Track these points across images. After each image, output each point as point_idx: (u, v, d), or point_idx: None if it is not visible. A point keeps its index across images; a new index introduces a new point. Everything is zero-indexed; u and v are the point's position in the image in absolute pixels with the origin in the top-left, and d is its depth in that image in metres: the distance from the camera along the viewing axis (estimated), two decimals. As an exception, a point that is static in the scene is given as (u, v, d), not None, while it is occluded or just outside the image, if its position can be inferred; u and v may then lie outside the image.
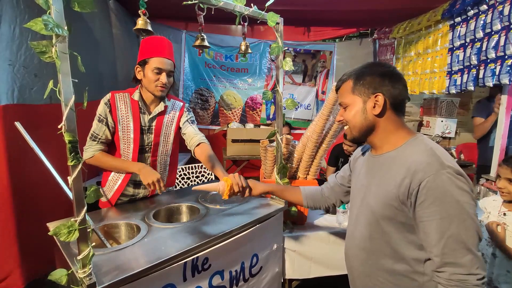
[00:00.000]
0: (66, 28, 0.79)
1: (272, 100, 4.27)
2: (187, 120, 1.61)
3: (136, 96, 1.47)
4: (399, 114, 0.94)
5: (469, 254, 0.77)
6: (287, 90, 4.48)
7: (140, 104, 1.47)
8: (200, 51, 4.12)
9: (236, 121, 4.36)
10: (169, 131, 1.57)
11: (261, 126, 4.13)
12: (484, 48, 2.36)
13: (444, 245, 0.78)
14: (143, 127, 1.49)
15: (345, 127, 0.99)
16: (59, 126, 0.81)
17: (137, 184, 1.56)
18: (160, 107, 1.51)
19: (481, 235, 0.80)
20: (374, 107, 0.91)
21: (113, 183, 1.53)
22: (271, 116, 4.53)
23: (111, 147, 1.52)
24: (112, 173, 1.53)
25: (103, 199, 1.55)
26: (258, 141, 3.84)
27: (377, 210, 0.91)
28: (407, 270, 0.88)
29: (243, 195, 1.28)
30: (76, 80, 0.82)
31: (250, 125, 4.12)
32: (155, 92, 1.44)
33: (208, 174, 3.01)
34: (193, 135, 1.56)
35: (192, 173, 2.91)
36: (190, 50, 4.12)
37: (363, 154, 1.10)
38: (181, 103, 1.64)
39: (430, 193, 0.79)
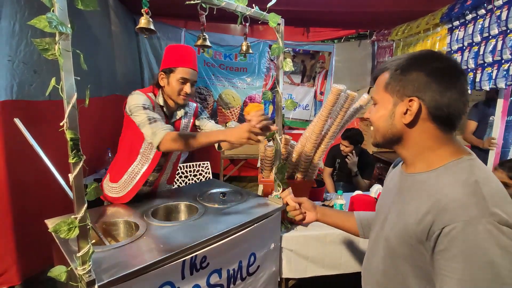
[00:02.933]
0: (69, 26, 0.79)
1: (271, 100, 4.28)
2: (204, 118, 1.66)
3: (161, 101, 1.48)
4: (445, 129, 0.69)
5: None
6: (286, 90, 4.49)
7: (164, 109, 1.49)
8: (202, 50, 4.13)
9: (234, 120, 4.36)
10: None
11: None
12: (481, 52, 2.39)
13: None
14: None
15: (371, 128, 0.82)
16: (61, 124, 0.81)
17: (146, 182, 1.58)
18: (181, 112, 1.55)
19: None
20: (405, 113, 0.70)
21: (129, 182, 1.52)
22: (269, 116, 4.54)
23: (119, 144, 1.53)
24: (130, 169, 1.51)
25: (114, 195, 1.55)
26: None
27: (393, 244, 0.73)
28: None
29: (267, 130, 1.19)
30: (79, 78, 0.83)
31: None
32: (178, 101, 1.46)
33: (206, 173, 3.02)
34: (216, 129, 1.61)
35: (190, 171, 2.92)
36: (189, 48, 4.12)
37: (395, 167, 0.91)
38: (195, 105, 1.67)
39: (455, 244, 0.58)
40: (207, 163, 3.02)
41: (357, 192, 2.12)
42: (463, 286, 0.58)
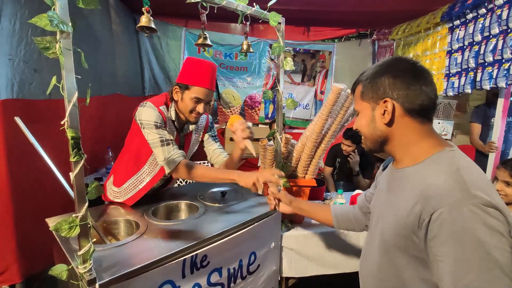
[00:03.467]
0: (70, 24, 0.79)
1: (271, 100, 4.28)
2: (211, 136, 1.67)
3: (173, 115, 1.43)
4: (423, 121, 0.76)
5: None
6: (286, 89, 4.49)
7: (176, 123, 1.47)
8: (203, 49, 4.11)
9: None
10: (194, 148, 1.65)
11: (260, 125, 4.14)
12: (482, 52, 2.39)
13: None
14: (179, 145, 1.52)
15: (362, 137, 0.87)
16: (62, 122, 0.81)
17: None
18: (192, 127, 1.56)
19: None
20: (383, 114, 0.76)
21: (131, 188, 1.49)
22: (269, 115, 4.54)
23: (126, 147, 1.52)
24: (134, 177, 1.48)
25: (117, 199, 1.53)
26: (256, 139, 3.85)
27: (387, 238, 0.77)
28: None
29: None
30: (79, 77, 0.83)
31: (248, 124, 4.12)
32: (190, 118, 1.42)
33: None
34: (219, 153, 1.65)
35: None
36: (190, 47, 4.11)
37: (386, 166, 0.96)
38: (205, 117, 1.66)
39: (444, 228, 0.62)
40: (207, 163, 3.02)
41: (358, 191, 2.12)
42: (456, 267, 0.61)
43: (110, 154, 2.70)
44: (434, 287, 0.69)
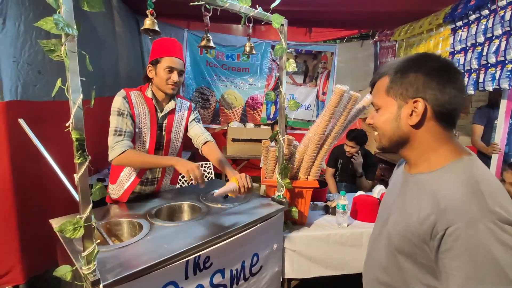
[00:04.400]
0: (75, 27, 0.79)
1: (273, 101, 4.28)
2: (194, 119, 1.68)
3: (149, 94, 1.51)
4: (446, 127, 0.71)
5: None
6: (288, 90, 4.50)
7: (154, 101, 1.51)
8: (205, 51, 4.15)
9: (236, 121, 4.37)
10: (179, 129, 1.63)
11: (262, 126, 4.15)
12: (484, 53, 2.38)
13: None
14: (158, 124, 1.54)
15: (375, 133, 0.82)
16: (66, 124, 0.82)
17: (143, 182, 1.59)
18: (171, 104, 1.56)
19: None
20: (410, 115, 0.71)
21: (124, 181, 1.55)
22: (271, 116, 4.55)
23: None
24: (123, 171, 1.54)
25: (114, 196, 1.58)
26: (258, 140, 3.87)
27: (394, 241, 0.75)
28: None
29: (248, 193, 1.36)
30: (84, 79, 0.83)
31: (250, 125, 4.13)
32: (167, 90, 1.48)
33: (208, 173, 3.02)
34: (200, 134, 1.63)
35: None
36: (192, 49, 4.13)
37: (397, 168, 0.93)
38: (188, 102, 1.70)
39: (459, 243, 0.60)
40: (209, 164, 3.02)
41: (360, 192, 2.12)
42: (468, 283, 0.59)
43: (113, 155, 2.72)
44: None
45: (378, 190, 2.11)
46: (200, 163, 2.95)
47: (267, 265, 1.52)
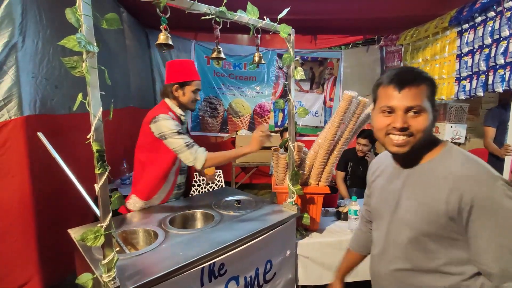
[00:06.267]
0: (95, 44, 0.84)
1: (280, 109, 4.30)
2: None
3: (178, 111, 1.66)
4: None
5: None
6: (295, 97, 4.47)
7: (179, 117, 1.66)
8: (216, 62, 4.26)
9: (244, 129, 4.41)
10: None
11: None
12: (492, 54, 2.37)
13: (505, 261, 0.73)
14: None
15: (402, 137, 0.80)
16: (88, 136, 0.85)
17: (180, 186, 1.77)
18: (187, 117, 1.75)
19: None
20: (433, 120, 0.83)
21: (164, 189, 1.66)
22: (279, 123, 4.57)
23: (147, 165, 1.63)
24: (160, 191, 1.64)
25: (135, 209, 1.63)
26: (266, 148, 3.88)
27: (418, 227, 0.82)
28: (452, 285, 0.81)
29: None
30: (103, 93, 0.87)
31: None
32: (192, 107, 1.69)
33: (219, 181, 3.05)
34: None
35: (203, 180, 2.95)
36: (199, 59, 4.21)
37: (382, 166, 1.01)
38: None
39: (485, 207, 0.73)
40: (219, 172, 3.05)
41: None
42: (502, 237, 0.73)
43: (125, 166, 2.77)
44: (465, 262, 0.78)
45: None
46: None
47: (281, 272, 1.52)
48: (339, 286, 1.23)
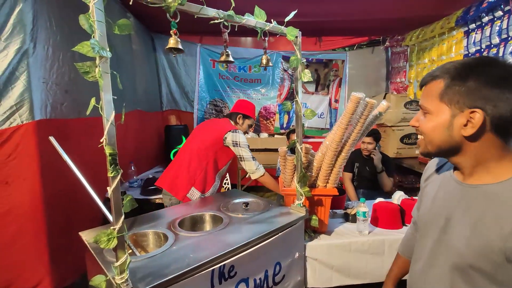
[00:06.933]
0: (108, 50, 0.85)
1: (287, 111, 4.31)
2: None
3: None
4: (506, 139, 0.67)
5: None
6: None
7: None
8: (225, 66, 4.30)
9: (250, 131, 4.42)
10: None
11: (275, 135, 4.17)
12: (501, 54, 2.35)
13: None
14: None
15: (419, 137, 0.76)
16: (101, 140, 0.87)
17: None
18: None
19: None
20: (465, 125, 0.66)
21: (216, 185, 2.10)
22: (284, 125, 4.57)
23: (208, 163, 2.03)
24: (214, 185, 2.06)
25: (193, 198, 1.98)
26: (272, 150, 3.89)
27: (468, 257, 0.69)
28: None
29: None
30: (116, 97, 0.89)
31: (264, 135, 4.17)
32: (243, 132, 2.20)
33: (225, 183, 3.05)
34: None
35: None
36: (205, 62, 4.24)
37: (439, 171, 0.86)
38: None
39: None
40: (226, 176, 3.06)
41: (379, 199, 2.10)
42: None
43: (133, 169, 2.79)
44: None
45: (398, 196, 2.09)
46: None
47: (290, 274, 1.52)
48: None
